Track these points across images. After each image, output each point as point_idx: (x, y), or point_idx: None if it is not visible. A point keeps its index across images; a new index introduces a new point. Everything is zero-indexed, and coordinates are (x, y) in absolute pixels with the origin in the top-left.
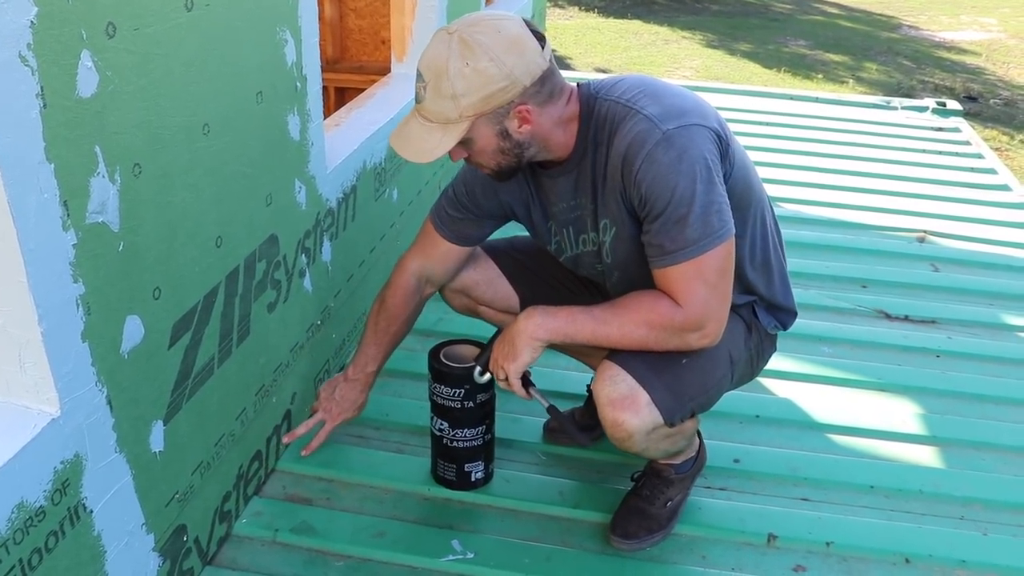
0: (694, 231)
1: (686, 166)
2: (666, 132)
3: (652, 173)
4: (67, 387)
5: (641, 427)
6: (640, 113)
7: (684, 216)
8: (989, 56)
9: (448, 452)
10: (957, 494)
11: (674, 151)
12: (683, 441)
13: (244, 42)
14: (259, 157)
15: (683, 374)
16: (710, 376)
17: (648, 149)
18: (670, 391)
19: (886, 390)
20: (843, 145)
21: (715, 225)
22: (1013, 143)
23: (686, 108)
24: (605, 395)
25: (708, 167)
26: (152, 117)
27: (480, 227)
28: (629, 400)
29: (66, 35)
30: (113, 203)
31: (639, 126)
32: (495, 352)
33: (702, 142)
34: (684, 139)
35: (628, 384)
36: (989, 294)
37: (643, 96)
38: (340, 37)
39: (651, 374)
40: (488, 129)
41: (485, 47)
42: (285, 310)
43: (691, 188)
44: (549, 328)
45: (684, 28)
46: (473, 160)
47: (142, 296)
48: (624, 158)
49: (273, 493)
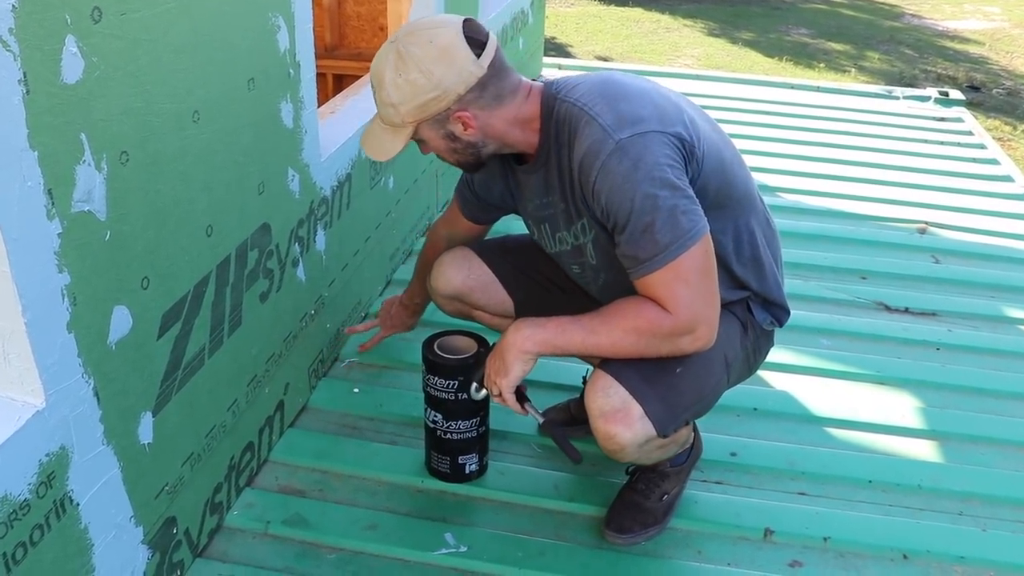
0: (663, 236)
1: (642, 174)
2: (619, 142)
3: (608, 185)
4: (52, 378)
5: (634, 440)
6: (595, 121)
7: (650, 224)
8: (992, 45)
9: (442, 444)
10: (956, 489)
11: (628, 160)
12: (676, 448)
13: (235, 28)
14: (251, 145)
15: (677, 384)
16: (705, 383)
17: (602, 160)
18: (664, 402)
19: (885, 383)
20: (844, 135)
21: (685, 227)
22: (1016, 133)
23: (642, 115)
24: (597, 407)
25: (666, 172)
26: (140, 104)
27: (486, 212)
28: (622, 413)
29: (50, 20)
30: (100, 191)
31: (593, 135)
32: (488, 368)
33: (658, 147)
34: (638, 148)
35: (621, 396)
36: (990, 286)
37: (600, 100)
38: (338, 24)
39: (645, 385)
40: (433, 132)
41: (416, 59)
42: (278, 300)
43: (651, 195)
44: (538, 340)
45: (686, 16)
46: (440, 156)
47: (130, 286)
48: (581, 167)
49: (265, 484)
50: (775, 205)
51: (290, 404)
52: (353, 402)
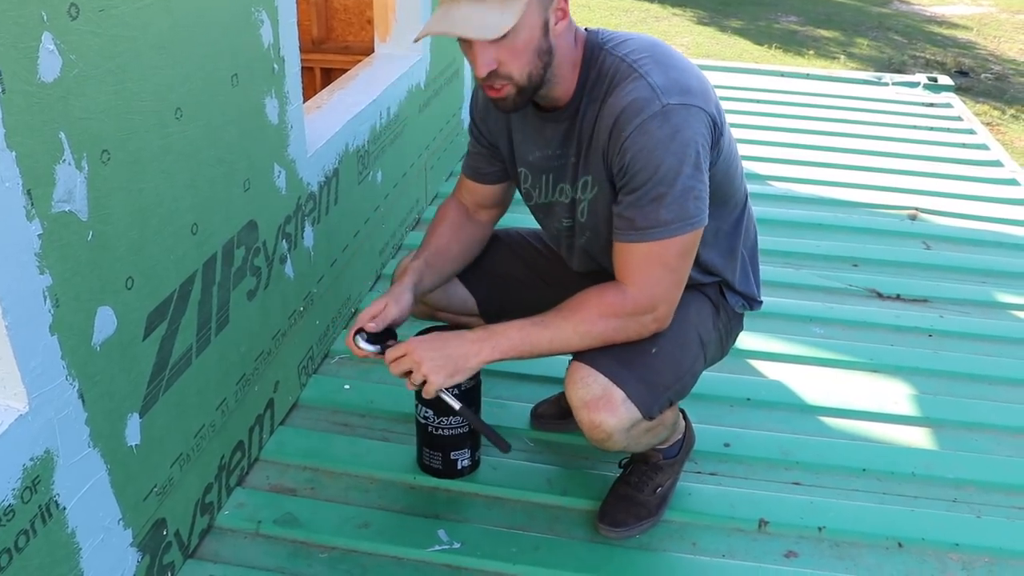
0: (669, 212)
1: (677, 145)
2: (666, 106)
3: (640, 144)
4: (35, 382)
5: (619, 426)
6: (644, 79)
7: (662, 195)
8: (980, 30)
9: (434, 440)
10: (950, 476)
11: (669, 127)
12: (665, 432)
13: (217, 23)
14: (235, 141)
15: (654, 364)
16: (682, 362)
17: (643, 118)
18: (644, 383)
19: (878, 371)
20: (834, 122)
21: (691, 211)
22: (1004, 117)
23: (691, 86)
24: (578, 398)
25: (698, 152)
26: (120, 102)
27: (490, 162)
28: (604, 400)
29: (25, 17)
30: (81, 191)
31: (640, 92)
32: (419, 352)
33: (698, 125)
34: (681, 118)
35: (600, 384)
36: (981, 272)
37: (651, 61)
38: (326, 17)
39: (622, 369)
40: (536, 18)
41: None
42: (266, 297)
43: (676, 169)
44: (503, 349)
45: (674, 5)
46: (502, 71)
47: (114, 286)
48: (616, 120)
49: (256, 483)
50: (765, 193)
51: (280, 402)
52: (344, 399)
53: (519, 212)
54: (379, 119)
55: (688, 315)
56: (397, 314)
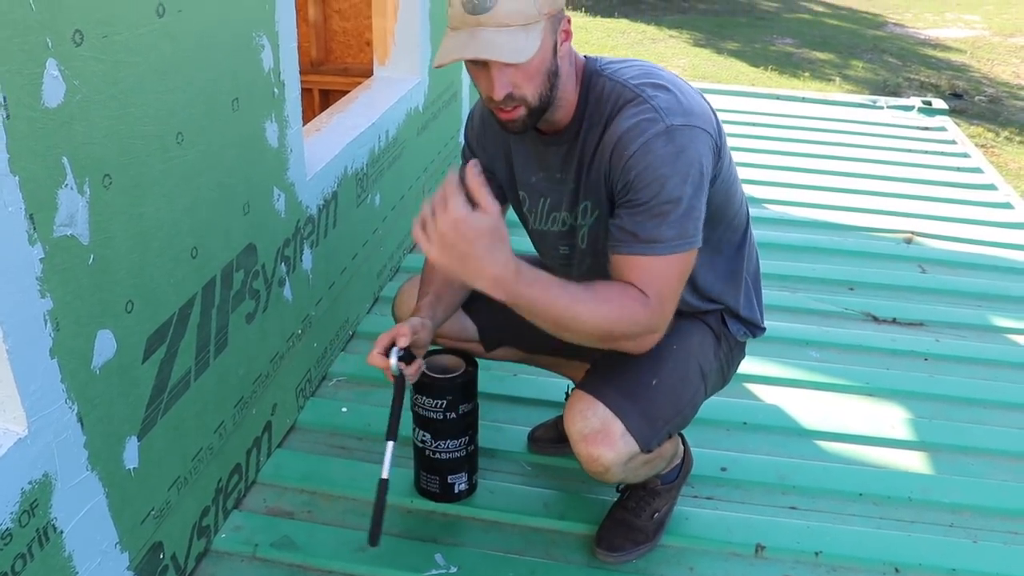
0: (671, 230)
1: (682, 165)
2: (670, 126)
3: (646, 162)
4: (35, 405)
5: (617, 460)
6: (648, 101)
7: (666, 212)
8: (974, 53)
9: (431, 464)
10: (946, 500)
11: (673, 146)
12: (662, 463)
13: (219, 48)
14: (235, 165)
15: (655, 397)
16: (683, 395)
17: (648, 137)
18: (644, 417)
19: (874, 395)
20: (829, 145)
21: (690, 231)
22: (998, 140)
23: (693, 108)
24: (577, 431)
25: (701, 173)
26: (123, 126)
27: None
28: (602, 434)
29: (30, 43)
30: (82, 215)
31: (644, 113)
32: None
33: (701, 146)
34: (685, 138)
35: (600, 417)
36: (977, 295)
37: (652, 85)
38: (324, 39)
39: (625, 401)
40: (548, 40)
41: None
42: (264, 320)
43: (680, 188)
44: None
45: (671, 27)
46: (517, 93)
47: (114, 310)
48: (619, 140)
49: (253, 506)
50: (761, 217)
51: (278, 425)
52: (341, 422)
53: (517, 235)
54: (378, 142)
55: (690, 346)
56: (425, 341)
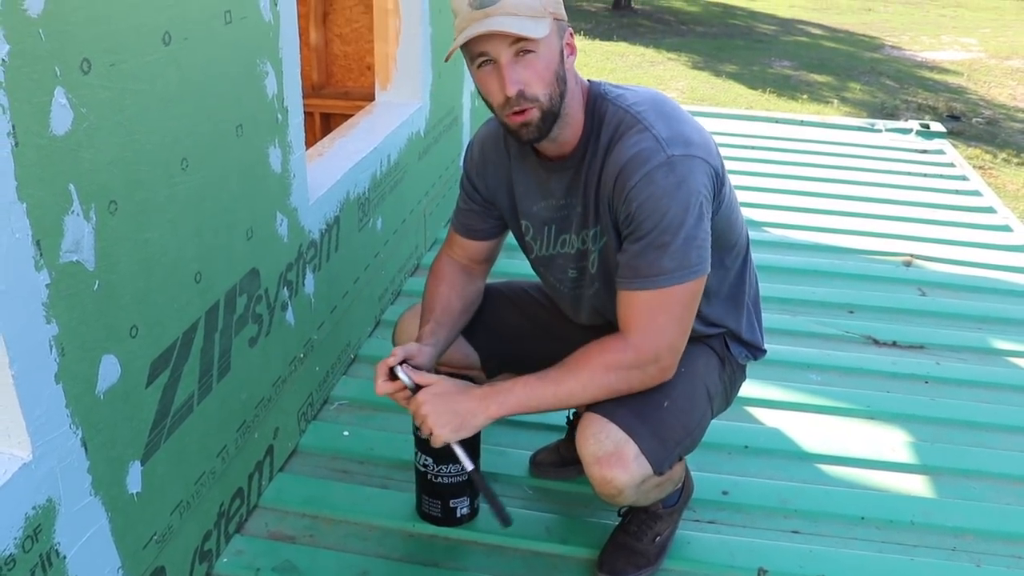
0: (672, 261)
1: (682, 195)
2: (670, 156)
3: (647, 193)
4: (40, 430)
5: (631, 482)
6: (649, 130)
7: (667, 244)
8: (970, 75)
9: (433, 488)
10: (949, 524)
11: (674, 177)
12: (672, 486)
13: (223, 75)
14: (239, 191)
15: (667, 418)
16: (692, 416)
17: (649, 168)
18: (657, 438)
19: (875, 418)
20: (828, 168)
21: (693, 260)
22: (996, 161)
23: (693, 139)
24: (591, 453)
25: (701, 202)
26: (129, 153)
27: (483, 219)
28: (616, 456)
29: (39, 72)
30: (88, 241)
31: (645, 143)
32: (427, 406)
33: (701, 176)
34: (686, 168)
35: (613, 439)
36: (977, 318)
37: (654, 113)
38: (325, 63)
39: (637, 421)
40: (556, 42)
41: None
42: (267, 344)
43: (681, 218)
44: (509, 405)
45: (670, 50)
46: (528, 92)
47: (118, 335)
48: (621, 170)
49: (255, 531)
50: (761, 240)
51: (280, 448)
52: (343, 445)
53: (518, 257)
54: (380, 167)
55: (696, 368)
56: (425, 364)
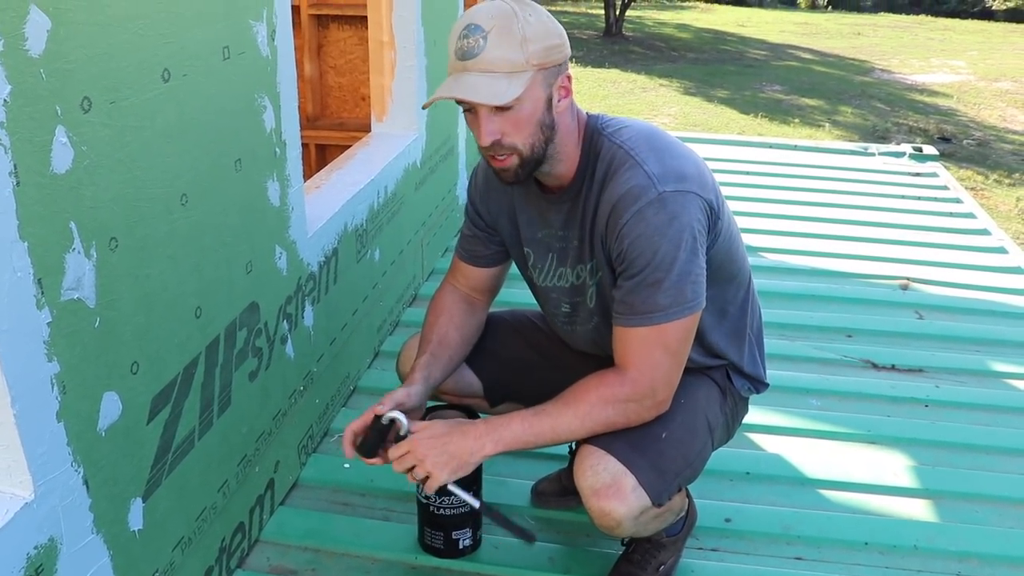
0: (666, 297)
1: (674, 231)
2: (661, 193)
3: (638, 231)
4: (41, 469)
5: (629, 514)
6: (641, 167)
7: (660, 280)
8: (960, 98)
9: (435, 520)
10: (953, 549)
11: (665, 214)
12: (672, 517)
13: (222, 110)
14: (238, 225)
15: (665, 450)
16: (692, 447)
17: (640, 206)
18: (655, 470)
19: (876, 442)
20: (823, 193)
21: (687, 295)
22: (988, 182)
23: (687, 173)
24: (588, 486)
25: (694, 237)
26: (129, 190)
27: (486, 245)
28: (614, 488)
29: (40, 112)
30: (89, 279)
31: (636, 180)
32: (422, 449)
33: (694, 211)
34: (678, 204)
35: (611, 471)
36: (975, 340)
37: (647, 149)
38: (320, 94)
39: (635, 453)
40: (540, 92)
41: (536, 7)
42: (267, 378)
43: (673, 254)
44: (506, 441)
45: (661, 76)
46: (506, 141)
47: (119, 372)
48: (614, 207)
49: (257, 565)
50: (757, 265)
51: (280, 482)
52: (344, 478)
53: (519, 286)
54: (377, 198)
55: (697, 400)
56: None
